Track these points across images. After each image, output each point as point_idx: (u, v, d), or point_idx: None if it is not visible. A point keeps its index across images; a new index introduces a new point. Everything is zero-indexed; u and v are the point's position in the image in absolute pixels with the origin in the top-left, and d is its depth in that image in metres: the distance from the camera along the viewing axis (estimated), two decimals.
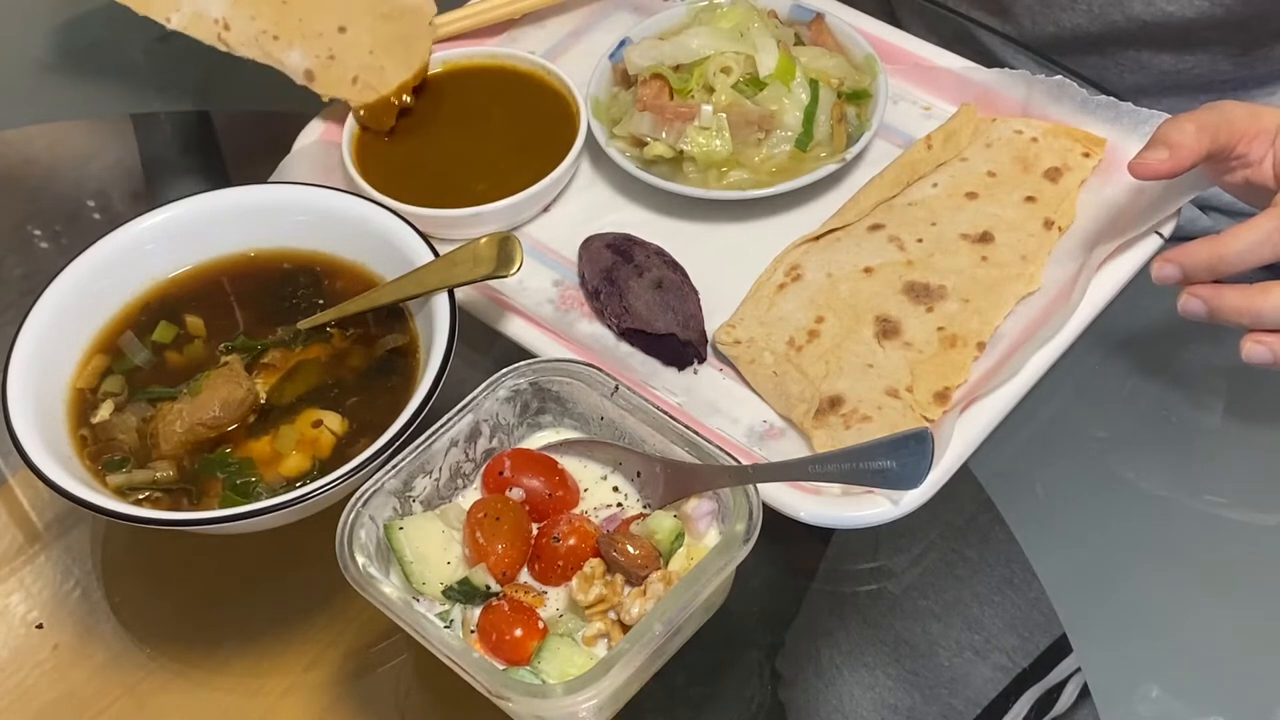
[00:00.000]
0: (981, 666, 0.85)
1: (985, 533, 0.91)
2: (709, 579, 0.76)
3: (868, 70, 1.09)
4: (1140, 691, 0.84)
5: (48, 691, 0.87)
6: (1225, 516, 0.93)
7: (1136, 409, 0.98)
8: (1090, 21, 1.16)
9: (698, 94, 1.04)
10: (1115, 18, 1.15)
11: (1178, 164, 0.88)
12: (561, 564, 0.79)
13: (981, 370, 0.93)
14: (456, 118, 1.11)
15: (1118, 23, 1.15)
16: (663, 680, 0.82)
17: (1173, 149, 0.88)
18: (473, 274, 0.91)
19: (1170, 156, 0.88)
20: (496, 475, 0.84)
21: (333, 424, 0.89)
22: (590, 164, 1.10)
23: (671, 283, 0.97)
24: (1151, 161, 0.89)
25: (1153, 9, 1.12)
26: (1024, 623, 0.87)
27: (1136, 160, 0.90)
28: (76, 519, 0.95)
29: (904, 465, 0.75)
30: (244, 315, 0.97)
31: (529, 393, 0.86)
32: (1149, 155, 0.89)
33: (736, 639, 0.87)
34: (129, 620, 0.90)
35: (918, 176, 1.04)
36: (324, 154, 1.09)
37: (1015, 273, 0.97)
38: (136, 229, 0.97)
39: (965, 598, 0.88)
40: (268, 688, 0.86)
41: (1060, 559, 0.89)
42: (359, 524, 0.78)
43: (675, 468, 0.81)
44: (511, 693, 0.72)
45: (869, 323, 0.96)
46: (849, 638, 0.88)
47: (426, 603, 0.79)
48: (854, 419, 0.90)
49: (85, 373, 0.93)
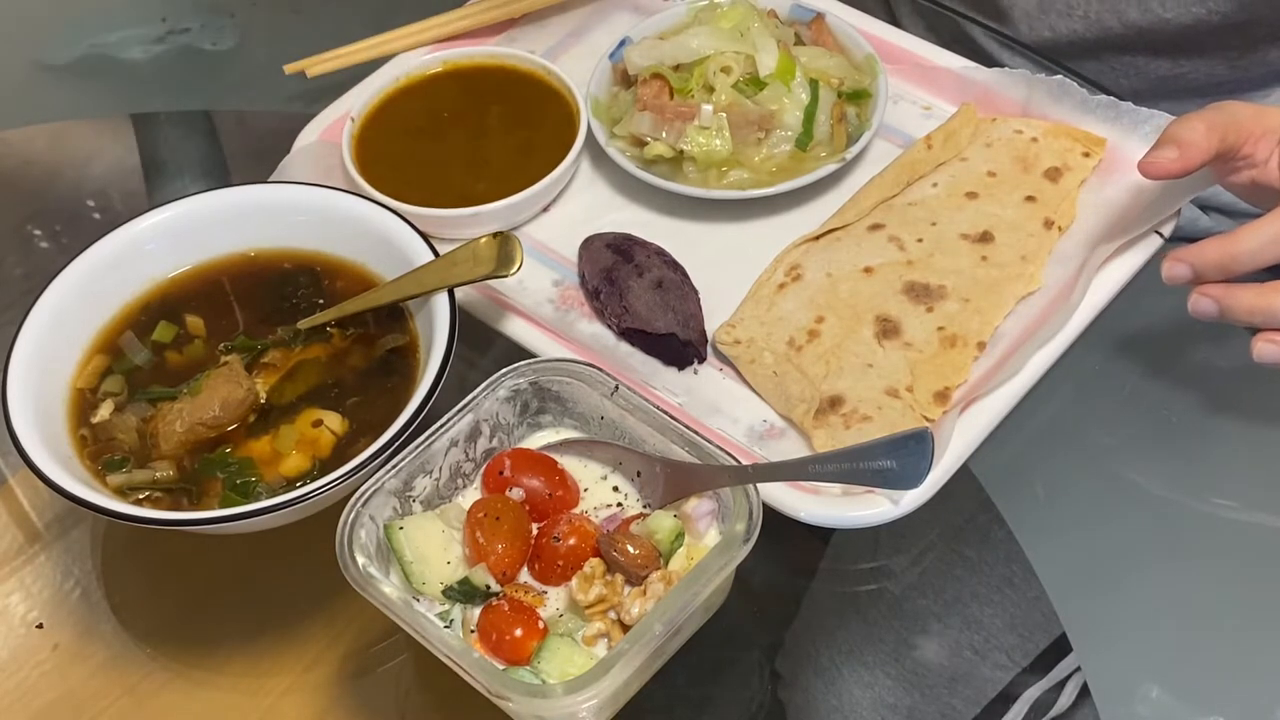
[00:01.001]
0: (981, 666, 0.85)
1: (985, 533, 0.91)
2: (709, 579, 0.76)
3: (868, 70, 1.09)
4: (1140, 691, 0.84)
5: (48, 691, 0.87)
6: (1225, 516, 0.93)
7: (1137, 409, 0.98)
8: (1086, 27, 1.16)
9: (698, 94, 1.04)
10: (1111, 24, 1.15)
11: (1187, 163, 0.88)
12: (561, 564, 0.79)
13: (981, 370, 0.93)
14: (456, 118, 1.11)
15: (1114, 29, 1.15)
16: (663, 680, 0.82)
17: (1182, 148, 0.88)
18: (473, 274, 0.91)
19: (1180, 155, 0.88)
20: (496, 475, 0.83)
21: (333, 424, 0.89)
22: (590, 164, 1.10)
23: (671, 283, 0.97)
24: (1161, 160, 0.89)
25: (1149, 15, 1.12)
26: (1024, 622, 0.87)
27: (1146, 159, 0.90)
28: (76, 519, 0.95)
29: (904, 465, 0.75)
30: (244, 315, 0.96)
31: (529, 393, 0.86)
32: (1159, 154, 0.89)
33: (736, 639, 0.87)
34: (129, 620, 0.90)
35: (918, 176, 1.04)
36: (324, 154, 1.09)
37: (1015, 273, 0.97)
38: (136, 229, 0.97)
39: (965, 597, 0.88)
40: (268, 688, 0.86)
41: (1060, 559, 0.89)
42: (359, 524, 0.78)
43: (675, 468, 0.81)
44: (511, 693, 0.72)
45: (869, 323, 0.95)
46: (849, 637, 0.88)
47: (426, 603, 0.79)
48: (854, 419, 0.90)
49: (85, 373, 0.93)
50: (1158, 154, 0.89)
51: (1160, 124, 1.02)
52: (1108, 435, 0.96)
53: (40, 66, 1.30)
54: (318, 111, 1.12)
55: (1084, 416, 0.97)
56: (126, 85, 1.29)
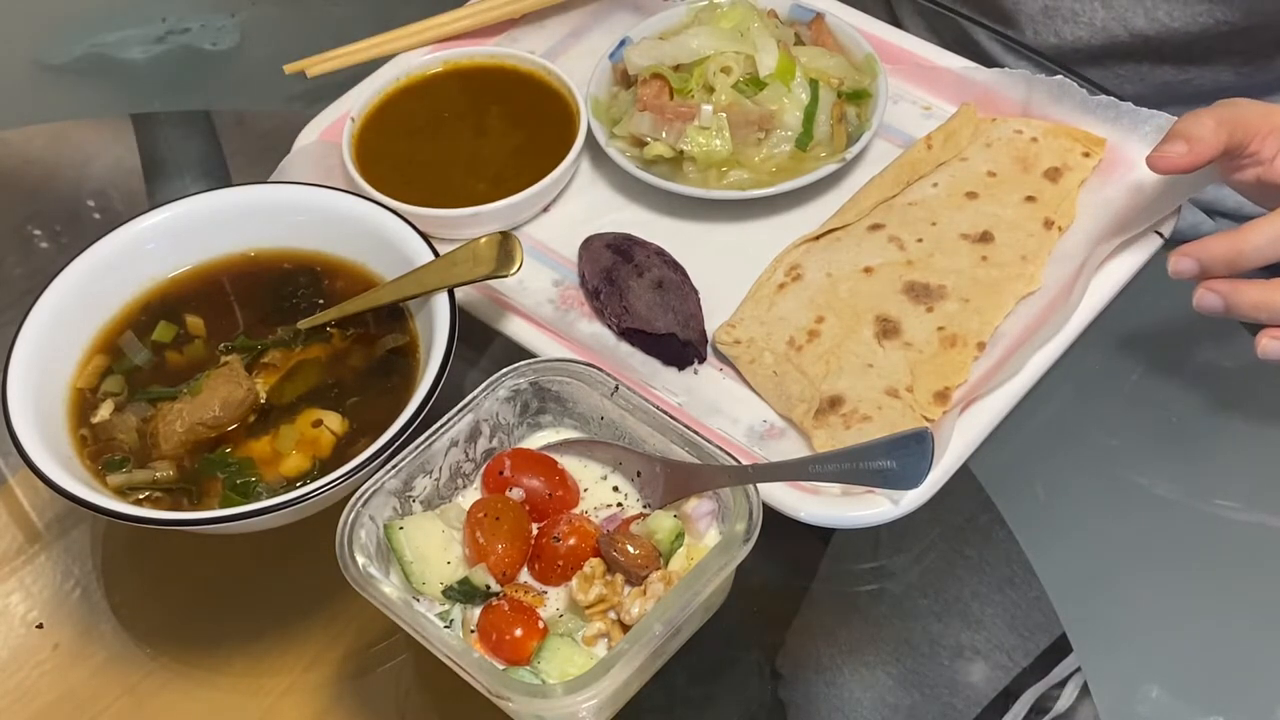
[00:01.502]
0: (982, 665, 0.85)
1: (985, 532, 0.91)
2: (709, 579, 0.76)
3: (868, 70, 1.09)
4: (1140, 691, 0.84)
5: (48, 691, 0.87)
6: (1225, 516, 0.93)
7: (1137, 408, 0.98)
8: (1092, 34, 1.16)
9: (698, 94, 1.04)
10: (1117, 31, 1.15)
11: (1196, 158, 0.88)
12: (561, 564, 0.79)
13: (981, 370, 0.93)
14: (457, 118, 1.11)
15: (1119, 36, 1.15)
16: (663, 680, 0.82)
17: (1191, 143, 0.88)
18: (473, 274, 0.91)
19: (1189, 150, 0.88)
20: (496, 475, 0.83)
21: (333, 424, 0.89)
22: (590, 164, 1.10)
23: (671, 283, 0.97)
24: (1170, 155, 0.89)
25: (1155, 23, 1.12)
26: (1024, 622, 0.87)
27: (1155, 153, 0.90)
28: (76, 519, 0.95)
29: (904, 465, 0.75)
30: (244, 315, 0.96)
31: (529, 393, 0.86)
32: (1168, 149, 0.89)
33: (736, 639, 0.87)
34: (129, 620, 0.90)
35: (918, 176, 1.04)
36: (324, 154, 1.09)
37: (1015, 273, 0.97)
38: (136, 229, 0.97)
39: (966, 597, 0.88)
40: (268, 688, 0.86)
41: (1060, 559, 0.89)
42: (359, 524, 0.78)
43: (675, 468, 0.81)
44: (511, 693, 0.72)
45: (869, 323, 0.95)
46: (850, 637, 0.88)
47: (426, 603, 0.79)
48: (854, 419, 0.90)
49: (85, 373, 0.93)
50: (1167, 148, 0.89)
51: (1161, 124, 1.02)
52: (1108, 435, 0.96)
53: (40, 66, 1.30)
54: (318, 111, 1.12)
55: (1084, 416, 0.97)
56: (126, 85, 1.29)
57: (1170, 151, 0.89)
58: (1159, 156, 0.89)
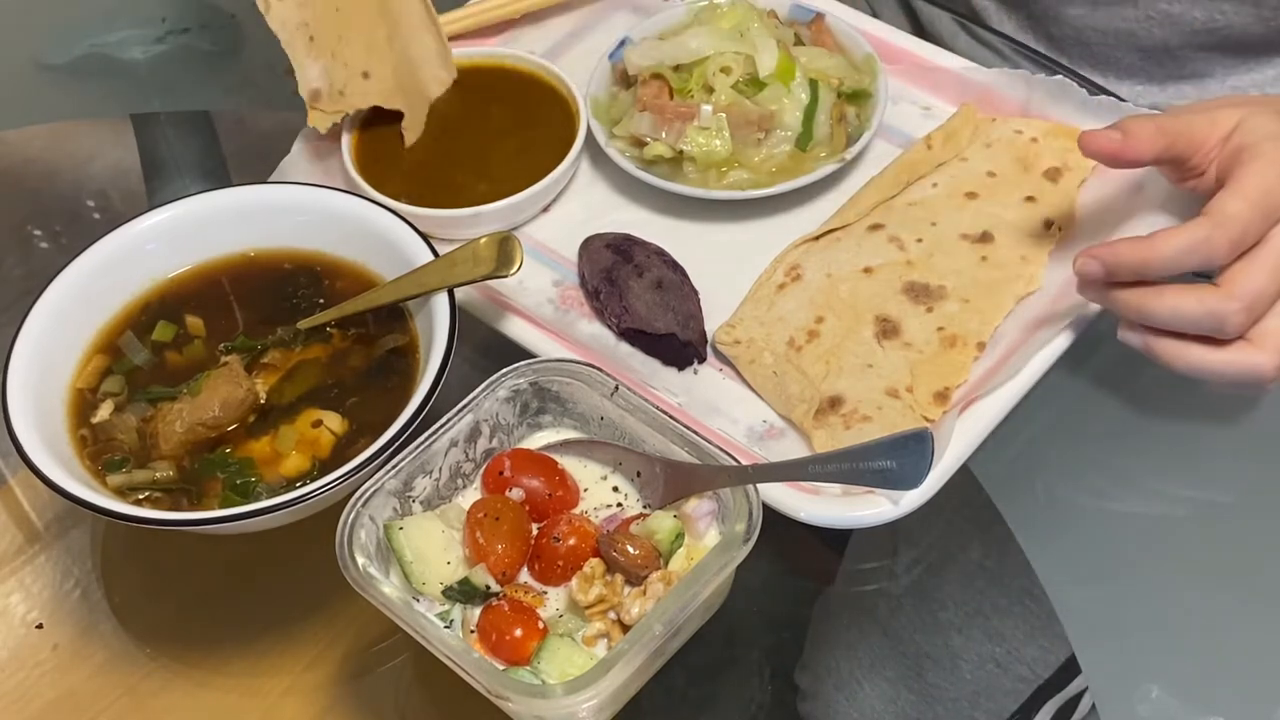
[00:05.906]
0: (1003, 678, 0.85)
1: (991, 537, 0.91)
2: (709, 579, 0.76)
3: (868, 70, 1.09)
4: (1140, 691, 0.84)
5: (48, 691, 0.87)
6: (1225, 516, 0.93)
7: (1137, 409, 0.98)
8: None
9: (698, 94, 1.04)
10: None
11: (1125, 150, 0.88)
12: (561, 564, 0.79)
13: (981, 370, 0.93)
14: (456, 118, 1.11)
15: None
16: (663, 680, 0.82)
17: (1126, 136, 0.88)
18: (473, 274, 0.91)
19: (1122, 141, 0.88)
20: (496, 475, 0.83)
21: (333, 424, 0.89)
22: (590, 164, 1.10)
23: (671, 283, 0.97)
24: (1102, 139, 0.89)
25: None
26: (1044, 633, 0.86)
27: (1089, 133, 0.89)
28: (76, 519, 0.95)
29: (904, 465, 0.75)
30: (244, 315, 0.97)
31: (529, 393, 0.86)
32: (1103, 133, 0.89)
33: (736, 639, 0.87)
34: (129, 620, 0.90)
35: (918, 176, 1.04)
36: (324, 154, 1.09)
37: (1015, 273, 0.97)
38: (136, 229, 0.97)
39: (986, 609, 0.88)
40: (268, 688, 0.86)
41: (1060, 559, 0.89)
42: (359, 524, 0.78)
43: (675, 468, 0.81)
44: (511, 693, 0.72)
45: (869, 323, 0.96)
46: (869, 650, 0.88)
47: (426, 603, 0.79)
48: (854, 419, 0.90)
49: (85, 373, 0.93)
50: (1103, 132, 0.89)
51: None
52: (1108, 435, 0.96)
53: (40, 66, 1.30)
54: None
55: (1084, 417, 0.97)
56: (126, 85, 1.29)
57: (1104, 135, 0.89)
58: (1090, 136, 0.89)
